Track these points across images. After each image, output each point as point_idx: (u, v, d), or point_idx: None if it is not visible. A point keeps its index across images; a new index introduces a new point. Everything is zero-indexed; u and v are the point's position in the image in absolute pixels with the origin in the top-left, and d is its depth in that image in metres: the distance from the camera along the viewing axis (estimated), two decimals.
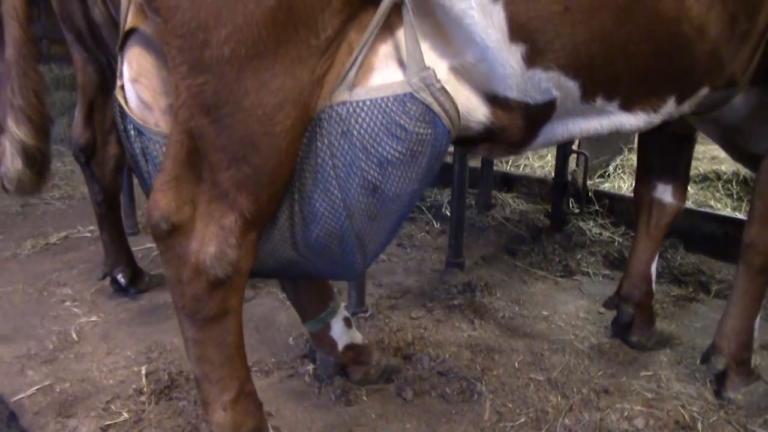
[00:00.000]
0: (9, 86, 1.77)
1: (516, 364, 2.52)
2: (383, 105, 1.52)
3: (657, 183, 2.57)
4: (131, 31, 1.57)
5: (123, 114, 1.64)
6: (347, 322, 2.30)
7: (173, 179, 1.53)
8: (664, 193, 2.57)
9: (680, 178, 2.57)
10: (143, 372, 2.37)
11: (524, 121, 1.71)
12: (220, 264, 1.55)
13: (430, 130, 1.55)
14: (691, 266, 3.36)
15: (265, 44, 1.41)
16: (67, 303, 2.97)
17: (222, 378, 1.69)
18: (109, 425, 2.09)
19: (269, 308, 2.89)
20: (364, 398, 2.27)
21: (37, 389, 2.30)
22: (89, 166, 2.90)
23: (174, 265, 1.59)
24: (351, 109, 1.52)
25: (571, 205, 3.85)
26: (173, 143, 1.52)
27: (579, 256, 3.47)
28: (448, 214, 3.83)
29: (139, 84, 1.58)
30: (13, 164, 1.69)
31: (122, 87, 1.63)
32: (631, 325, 2.70)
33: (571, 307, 3.02)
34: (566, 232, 3.71)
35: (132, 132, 1.62)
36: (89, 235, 3.87)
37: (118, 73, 1.64)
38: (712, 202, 3.84)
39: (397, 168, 1.57)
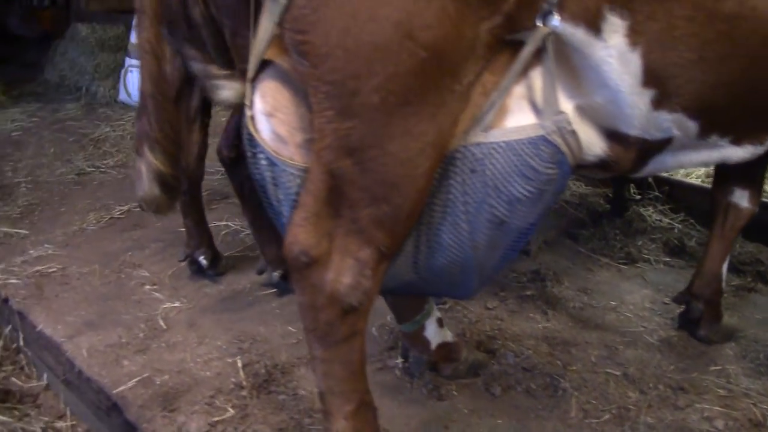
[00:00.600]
0: (146, 118, 1.82)
1: (593, 358, 2.60)
2: (517, 147, 1.57)
3: (735, 188, 2.62)
4: (266, 63, 1.59)
5: (253, 143, 1.67)
6: (440, 323, 2.38)
7: (313, 215, 1.58)
8: (741, 198, 2.62)
9: (757, 183, 2.62)
10: (239, 364, 2.46)
11: (638, 154, 1.75)
12: (354, 293, 1.63)
13: (557, 170, 1.61)
14: (749, 255, 3.40)
15: (413, 93, 1.44)
16: (147, 287, 3.05)
17: (345, 391, 1.78)
18: (217, 421, 2.19)
19: None
20: (455, 393, 2.37)
21: (137, 381, 2.40)
22: None
23: (309, 293, 1.66)
24: (486, 150, 1.57)
25: (631, 191, 3.87)
26: (314, 181, 1.56)
27: (640, 242, 3.51)
28: None
29: (275, 118, 1.61)
30: (151, 189, 1.75)
31: (252, 118, 1.66)
32: (700, 320, 2.78)
33: (636, 297, 3.09)
34: (626, 218, 3.74)
35: (263, 162, 1.66)
36: None
37: (247, 102, 1.67)
38: None
39: (524, 205, 1.63)
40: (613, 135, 1.69)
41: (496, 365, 2.51)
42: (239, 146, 2.67)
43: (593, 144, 1.70)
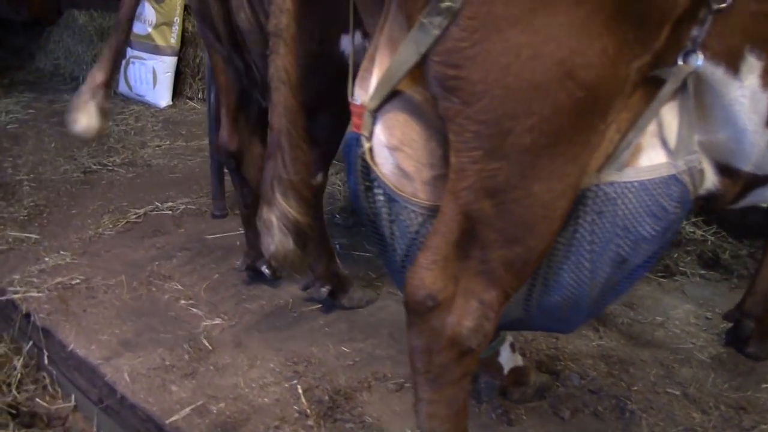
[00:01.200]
0: (279, 158, 1.65)
1: (652, 378, 2.55)
2: (650, 186, 1.52)
3: None
4: (395, 93, 1.47)
5: (369, 176, 1.57)
6: (513, 347, 2.32)
7: (442, 258, 1.48)
8: None
9: None
10: (299, 390, 2.35)
11: (743, 188, 1.72)
12: (475, 336, 1.57)
13: (683, 208, 1.57)
14: None
15: (564, 133, 1.37)
16: (183, 301, 2.91)
17: (448, 429, 1.71)
18: None
19: (398, 312, 2.87)
20: (524, 417, 2.30)
21: (191, 410, 2.27)
22: (239, 171, 2.80)
23: (427, 336, 1.58)
24: (619, 190, 1.52)
25: None
26: (446, 222, 1.46)
27: (675, 255, 3.48)
28: None
29: (401, 153, 1.50)
30: (284, 243, 1.58)
31: (371, 150, 1.54)
32: (749, 337, 2.77)
33: (680, 312, 3.06)
34: None
35: (380, 197, 1.56)
36: (170, 213, 3.76)
37: (365, 133, 1.55)
38: None
39: (648, 243, 1.59)
40: (725, 169, 1.66)
41: (562, 387, 2.45)
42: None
43: (707, 179, 1.67)
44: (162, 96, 5.53)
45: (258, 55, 2.46)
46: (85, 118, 2.25)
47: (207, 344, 2.62)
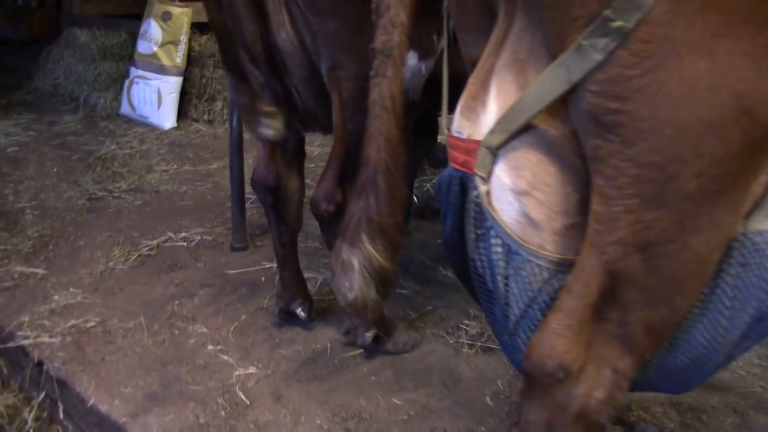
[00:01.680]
0: (371, 196, 1.42)
1: (727, 426, 2.35)
2: None
3: None
4: (525, 128, 1.24)
5: (484, 223, 1.33)
6: None
7: (578, 323, 1.25)
8: None
9: None
10: None
11: None
12: (605, 409, 1.35)
13: None
14: None
15: (730, 178, 1.15)
16: (210, 347, 2.64)
17: None
18: None
19: (445, 356, 2.63)
20: None
21: None
22: (276, 208, 2.56)
23: (549, 410, 1.35)
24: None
25: None
26: (587, 281, 1.24)
27: None
28: None
29: (531, 199, 1.27)
30: (366, 291, 1.35)
31: (489, 192, 1.31)
32: None
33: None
34: None
35: (498, 248, 1.32)
36: (184, 244, 3.50)
37: (481, 173, 1.32)
38: None
39: None
40: None
41: None
42: (337, 198, 2.31)
43: None
44: (167, 117, 5.27)
45: (299, 80, 2.24)
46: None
47: (243, 398, 2.36)
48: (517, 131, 1.23)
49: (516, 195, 1.28)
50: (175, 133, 5.32)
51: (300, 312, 2.73)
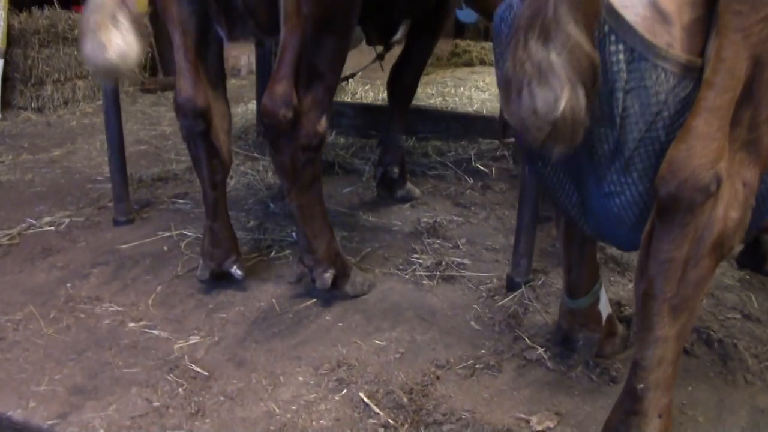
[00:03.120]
0: None
1: None
2: None
3: None
4: None
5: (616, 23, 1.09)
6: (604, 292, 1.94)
7: (725, 124, 1.06)
8: None
9: None
10: (364, 399, 1.77)
11: None
12: (738, 234, 1.24)
13: None
14: None
15: None
16: (131, 324, 2.16)
17: (668, 380, 1.39)
18: None
19: (407, 292, 2.36)
20: (624, 372, 1.90)
21: None
22: (206, 136, 2.10)
23: (688, 241, 1.19)
24: None
25: None
26: (731, 71, 1.07)
27: None
28: None
29: None
30: (571, 96, 0.97)
31: None
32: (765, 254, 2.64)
33: None
34: None
35: (620, 55, 1.08)
36: (52, 228, 2.89)
37: None
38: None
39: None
40: None
41: None
42: (294, 102, 1.94)
43: None
44: None
45: None
46: (119, 39, 1.65)
47: (198, 369, 1.92)
48: None
49: None
50: (0, 124, 4.50)
51: (236, 270, 2.33)
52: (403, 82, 3.12)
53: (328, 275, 2.18)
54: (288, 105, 1.89)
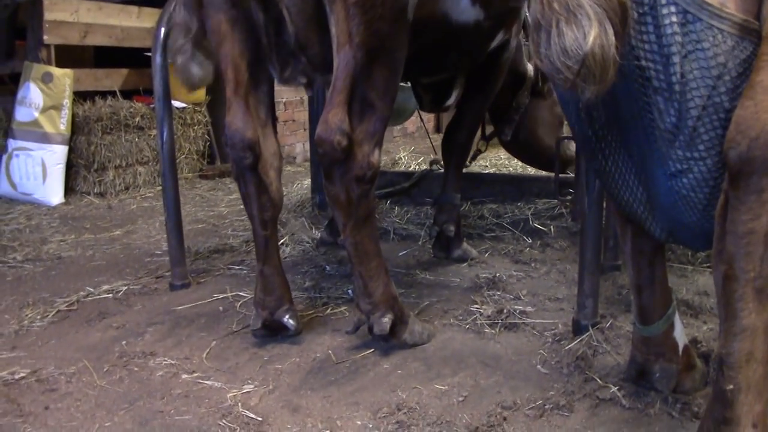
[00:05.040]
0: None
1: None
2: None
3: None
4: None
5: None
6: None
7: None
8: None
9: None
10: None
11: None
12: None
13: None
14: None
15: None
16: (185, 376, 2.10)
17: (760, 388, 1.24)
18: None
19: (469, 340, 2.24)
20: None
21: None
22: (254, 170, 2.11)
23: (754, 215, 1.04)
24: None
25: None
26: None
27: None
28: None
29: None
30: (599, 34, 0.96)
31: None
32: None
33: None
34: None
35: (673, 17, 1.04)
36: (110, 296, 2.90)
37: None
38: None
39: None
40: None
41: None
42: (348, 130, 1.94)
43: None
44: (53, 192, 4.61)
45: (295, 5, 1.89)
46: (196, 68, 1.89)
47: (252, 415, 1.83)
48: None
49: None
50: (64, 208, 4.66)
51: (288, 321, 2.26)
52: (457, 140, 3.12)
53: (386, 320, 2.10)
54: (342, 132, 1.88)
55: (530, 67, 3.49)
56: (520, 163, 5.02)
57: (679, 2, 1.06)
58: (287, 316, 2.25)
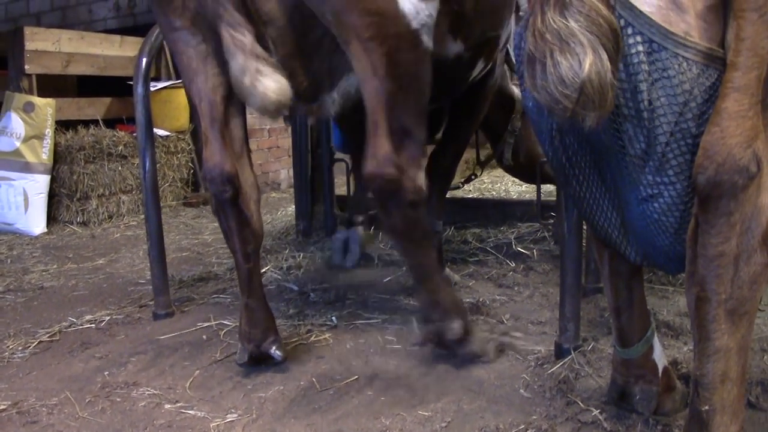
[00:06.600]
0: None
1: None
2: None
3: None
4: None
5: (632, 13, 1.09)
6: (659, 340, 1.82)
7: (757, 102, 1.02)
8: None
9: None
10: None
11: None
12: None
13: None
14: None
15: None
16: (168, 405, 2.09)
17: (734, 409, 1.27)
18: None
19: (453, 366, 2.25)
20: None
21: None
22: (235, 203, 2.12)
23: (735, 234, 1.12)
24: None
25: None
26: (754, 49, 1.03)
27: None
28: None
29: None
30: (594, 62, 0.98)
31: None
32: None
33: None
34: None
35: (639, 47, 1.08)
36: (92, 326, 2.89)
37: None
38: None
39: None
40: None
41: None
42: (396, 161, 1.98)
43: None
44: (35, 222, 4.60)
45: (279, 29, 1.91)
46: (272, 82, 1.76)
47: None
48: None
49: None
50: (46, 238, 4.64)
51: (275, 352, 2.26)
52: (440, 165, 3.14)
53: (457, 325, 2.16)
54: (392, 164, 1.91)
55: (516, 91, 3.54)
56: (503, 187, 5.08)
57: (644, 32, 1.10)
58: (274, 348, 2.25)
